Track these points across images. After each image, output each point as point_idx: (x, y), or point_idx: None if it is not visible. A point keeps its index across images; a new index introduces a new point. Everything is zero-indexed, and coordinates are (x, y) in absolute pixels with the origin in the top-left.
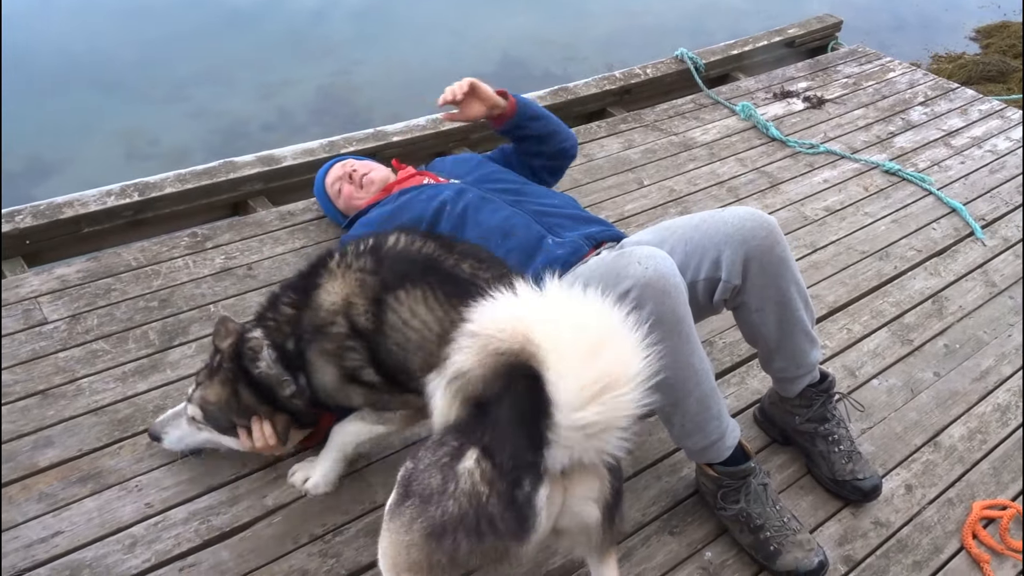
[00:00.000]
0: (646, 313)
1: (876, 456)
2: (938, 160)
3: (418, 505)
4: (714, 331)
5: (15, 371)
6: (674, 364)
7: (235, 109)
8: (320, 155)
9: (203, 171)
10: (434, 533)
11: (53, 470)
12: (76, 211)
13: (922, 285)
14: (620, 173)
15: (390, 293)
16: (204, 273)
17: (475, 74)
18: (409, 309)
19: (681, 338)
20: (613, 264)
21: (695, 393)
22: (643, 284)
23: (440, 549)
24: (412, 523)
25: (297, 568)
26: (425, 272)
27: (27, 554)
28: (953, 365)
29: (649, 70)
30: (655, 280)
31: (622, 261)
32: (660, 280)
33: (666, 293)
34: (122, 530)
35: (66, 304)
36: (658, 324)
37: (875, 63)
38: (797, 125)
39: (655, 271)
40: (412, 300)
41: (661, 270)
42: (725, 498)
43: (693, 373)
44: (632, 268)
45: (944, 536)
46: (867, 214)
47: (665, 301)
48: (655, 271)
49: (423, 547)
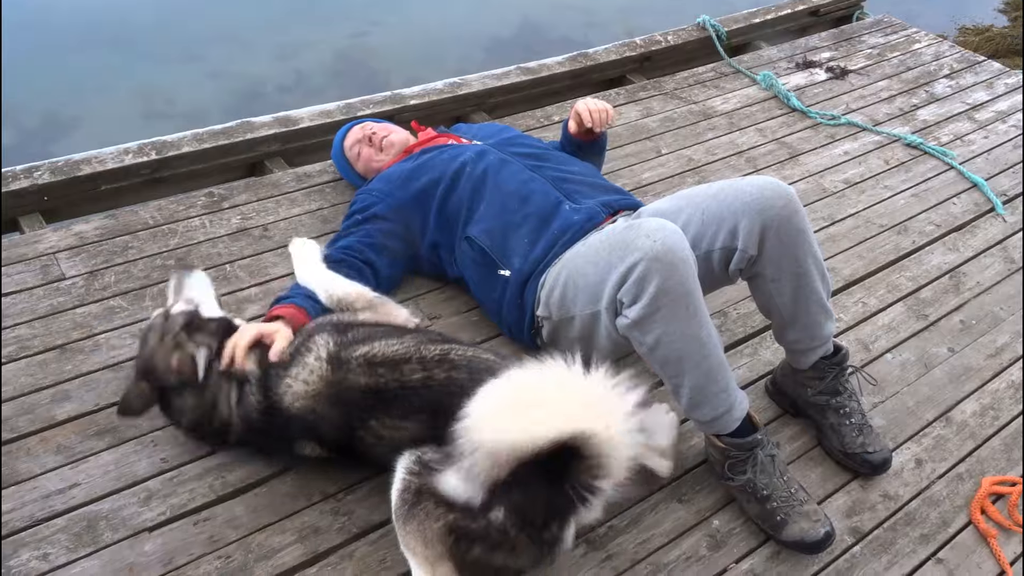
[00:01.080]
0: (653, 286)
1: (887, 430)
2: (961, 134)
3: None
4: (728, 301)
5: (34, 325)
6: (682, 337)
7: (251, 70)
8: (337, 117)
9: (220, 131)
10: (459, 539)
11: (70, 423)
12: (94, 168)
13: (940, 260)
14: (638, 141)
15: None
16: (220, 233)
17: (492, 38)
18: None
19: (688, 311)
20: (623, 236)
21: (702, 366)
22: (651, 257)
23: (459, 551)
24: (437, 520)
25: (309, 524)
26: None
27: (45, 504)
28: (968, 341)
29: (670, 37)
30: (663, 254)
31: (631, 233)
32: (668, 254)
33: (674, 267)
34: (138, 484)
35: (84, 261)
36: (665, 297)
37: (900, 34)
38: (819, 96)
39: (663, 244)
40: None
41: (669, 243)
42: (732, 469)
43: (700, 346)
44: (640, 241)
45: (952, 511)
46: (887, 187)
47: (673, 275)
48: (663, 244)
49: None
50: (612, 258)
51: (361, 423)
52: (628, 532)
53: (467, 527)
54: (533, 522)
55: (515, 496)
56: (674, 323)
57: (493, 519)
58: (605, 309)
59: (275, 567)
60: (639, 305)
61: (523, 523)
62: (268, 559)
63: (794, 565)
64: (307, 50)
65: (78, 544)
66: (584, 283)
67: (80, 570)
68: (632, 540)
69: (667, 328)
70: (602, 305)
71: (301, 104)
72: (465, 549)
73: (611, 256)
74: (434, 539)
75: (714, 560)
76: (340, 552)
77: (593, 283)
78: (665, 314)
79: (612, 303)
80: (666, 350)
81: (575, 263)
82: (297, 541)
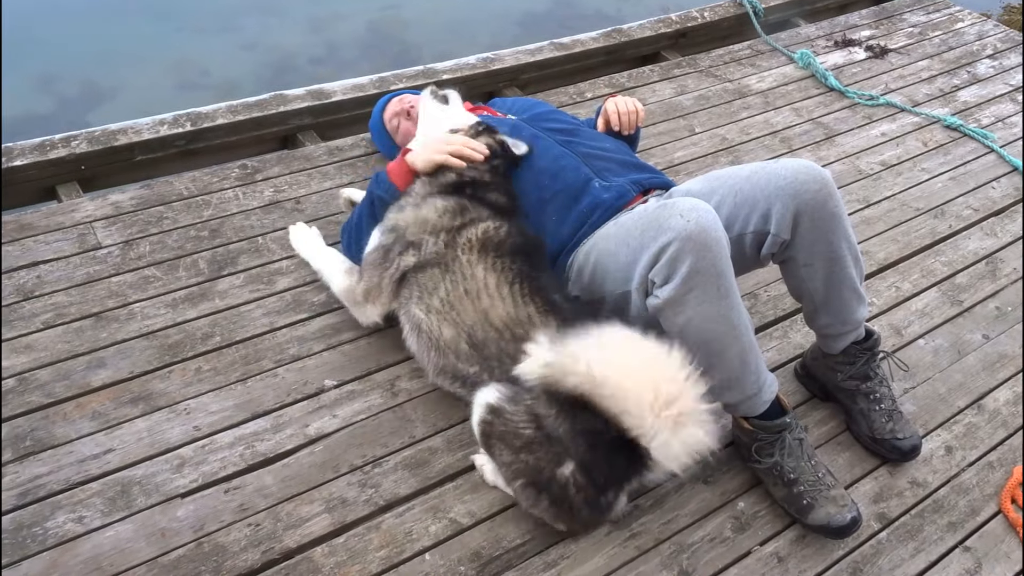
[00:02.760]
0: (686, 267)
1: (917, 416)
2: (1003, 116)
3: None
4: (759, 283)
5: (71, 292)
6: (713, 319)
7: (285, 42)
8: (370, 91)
9: (254, 103)
10: (528, 484)
11: (105, 390)
12: (130, 139)
13: (977, 245)
14: (672, 119)
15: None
16: (253, 205)
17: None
18: (495, 281)
19: (720, 292)
20: (656, 215)
21: (733, 348)
22: (684, 237)
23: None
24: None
25: (337, 496)
26: (531, 262)
27: (80, 468)
28: (1003, 328)
29: (707, 13)
30: (696, 233)
31: (664, 212)
32: (701, 234)
33: (707, 247)
34: (170, 451)
35: (119, 230)
36: (697, 277)
37: (943, 12)
38: (857, 75)
39: (696, 224)
40: (500, 272)
41: (703, 223)
42: (760, 451)
43: (731, 328)
44: (674, 220)
45: (982, 499)
46: (924, 170)
47: (705, 255)
48: (696, 224)
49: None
50: (644, 238)
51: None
52: (652, 512)
53: (537, 474)
54: (595, 482)
55: (586, 455)
56: (705, 304)
57: (560, 475)
58: (636, 289)
59: (303, 535)
60: (671, 285)
61: (587, 482)
62: (296, 528)
63: (819, 549)
64: (340, 22)
65: (112, 508)
66: (615, 263)
67: (113, 533)
68: (656, 520)
69: (698, 309)
70: (633, 285)
71: (333, 76)
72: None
73: (643, 236)
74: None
75: (738, 542)
76: (367, 524)
77: (624, 263)
78: (697, 295)
79: (643, 283)
80: (696, 331)
81: (606, 243)
82: (325, 511)
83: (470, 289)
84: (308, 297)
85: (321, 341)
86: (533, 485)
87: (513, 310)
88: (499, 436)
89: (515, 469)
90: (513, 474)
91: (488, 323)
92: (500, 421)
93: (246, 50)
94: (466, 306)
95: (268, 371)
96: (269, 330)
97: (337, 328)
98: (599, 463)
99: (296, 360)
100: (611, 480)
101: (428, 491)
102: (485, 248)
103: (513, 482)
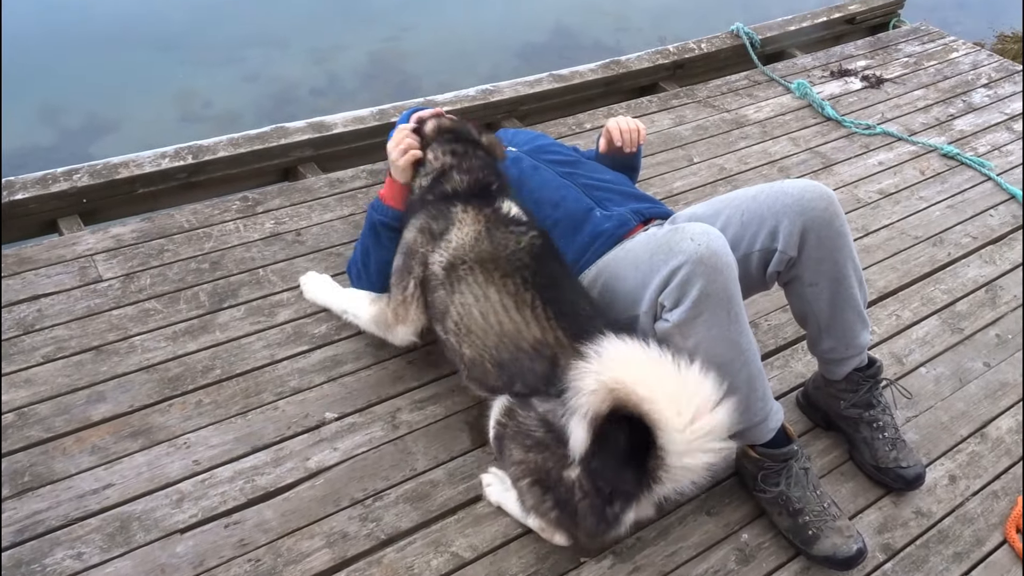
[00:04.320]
0: (696, 290)
1: (920, 445)
2: (999, 144)
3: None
4: (759, 312)
5: (71, 326)
6: (722, 343)
7: (286, 73)
8: (370, 123)
9: (255, 136)
10: (535, 482)
11: (105, 424)
12: (131, 172)
13: (976, 273)
14: (670, 149)
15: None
16: (254, 237)
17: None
18: (514, 303)
19: (730, 316)
20: (666, 239)
21: (741, 373)
22: (695, 260)
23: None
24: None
25: (338, 530)
26: (542, 271)
27: (79, 504)
28: (1004, 356)
29: (704, 45)
30: (707, 257)
31: (675, 236)
32: (712, 257)
33: (717, 270)
34: (170, 485)
35: (120, 263)
36: (708, 301)
37: (938, 42)
38: (854, 105)
39: (708, 248)
40: (519, 299)
41: (714, 247)
42: (765, 480)
43: (740, 353)
44: (685, 244)
45: (987, 529)
46: (922, 198)
47: (716, 279)
48: (708, 248)
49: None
50: (654, 261)
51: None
52: (656, 544)
53: (545, 474)
54: (601, 490)
55: (593, 462)
56: (715, 328)
57: (567, 477)
58: (645, 313)
59: (304, 571)
60: (681, 308)
61: (593, 488)
62: (297, 563)
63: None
64: (341, 53)
65: (111, 544)
66: (623, 287)
67: (113, 570)
68: (660, 552)
69: (708, 333)
70: (642, 309)
71: (334, 107)
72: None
73: (653, 259)
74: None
75: (743, 575)
76: (368, 558)
77: (633, 287)
78: (707, 318)
79: (653, 307)
80: (706, 355)
81: (614, 267)
82: (326, 546)
83: (485, 312)
84: (309, 329)
85: (322, 373)
86: (540, 484)
87: (540, 334)
88: (511, 436)
89: (524, 467)
90: (521, 472)
91: (514, 345)
92: (513, 423)
93: (248, 81)
94: (484, 329)
95: (268, 404)
96: (270, 362)
97: (338, 360)
98: (606, 472)
99: (297, 392)
100: (618, 491)
101: (429, 524)
102: (488, 267)
103: (520, 481)
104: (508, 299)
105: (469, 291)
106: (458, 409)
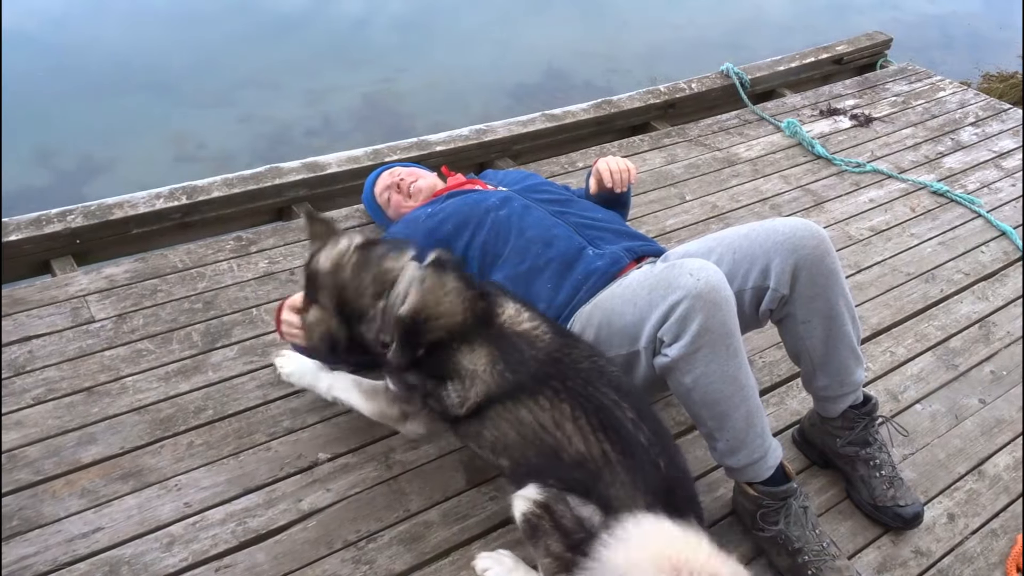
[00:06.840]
0: (696, 325)
1: (918, 483)
2: (988, 182)
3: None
4: (754, 350)
5: (62, 367)
6: (721, 378)
7: (281, 114)
8: (364, 163)
9: (250, 176)
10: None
11: (96, 466)
12: (126, 212)
13: (969, 309)
14: (662, 188)
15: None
16: (248, 277)
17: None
18: (552, 419)
19: (729, 352)
20: (664, 275)
21: (740, 409)
22: (694, 295)
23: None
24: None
25: (331, 573)
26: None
27: (68, 548)
28: (1000, 392)
29: (694, 84)
30: (706, 292)
31: (673, 272)
32: (711, 292)
33: (717, 306)
34: (160, 528)
35: (113, 303)
36: (707, 336)
37: (925, 82)
38: (843, 143)
39: (707, 283)
40: (556, 412)
41: (712, 282)
42: (764, 519)
43: (739, 388)
44: (683, 279)
45: (987, 568)
46: (913, 235)
47: (716, 314)
48: (707, 283)
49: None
50: (653, 297)
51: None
52: None
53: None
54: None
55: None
56: (714, 363)
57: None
58: (644, 348)
59: None
60: (680, 344)
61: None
62: None
63: None
64: (335, 95)
65: None
66: (621, 323)
67: None
68: None
69: (707, 368)
70: (641, 344)
71: (328, 148)
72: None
73: (651, 295)
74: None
75: None
76: None
77: (631, 323)
78: (706, 353)
79: (651, 342)
80: (705, 391)
81: (611, 304)
82: None
83: (524, 434)
84: None
85: (315, 413)
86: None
87: (584, 447)
88: (547, 532)
89: (561, 563)
90: (557, 567)
91: (555, 456)
92: (551, 520)
93: (242, 122)
94: (523, 447)
95: (261, 444)
96: (263, 402)
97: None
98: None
99: (290, 433)
100: None
101: (424, 566)
102: (516, 395)
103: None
104: (545, 416)
105: (501, 419)
106: (452, 449)
